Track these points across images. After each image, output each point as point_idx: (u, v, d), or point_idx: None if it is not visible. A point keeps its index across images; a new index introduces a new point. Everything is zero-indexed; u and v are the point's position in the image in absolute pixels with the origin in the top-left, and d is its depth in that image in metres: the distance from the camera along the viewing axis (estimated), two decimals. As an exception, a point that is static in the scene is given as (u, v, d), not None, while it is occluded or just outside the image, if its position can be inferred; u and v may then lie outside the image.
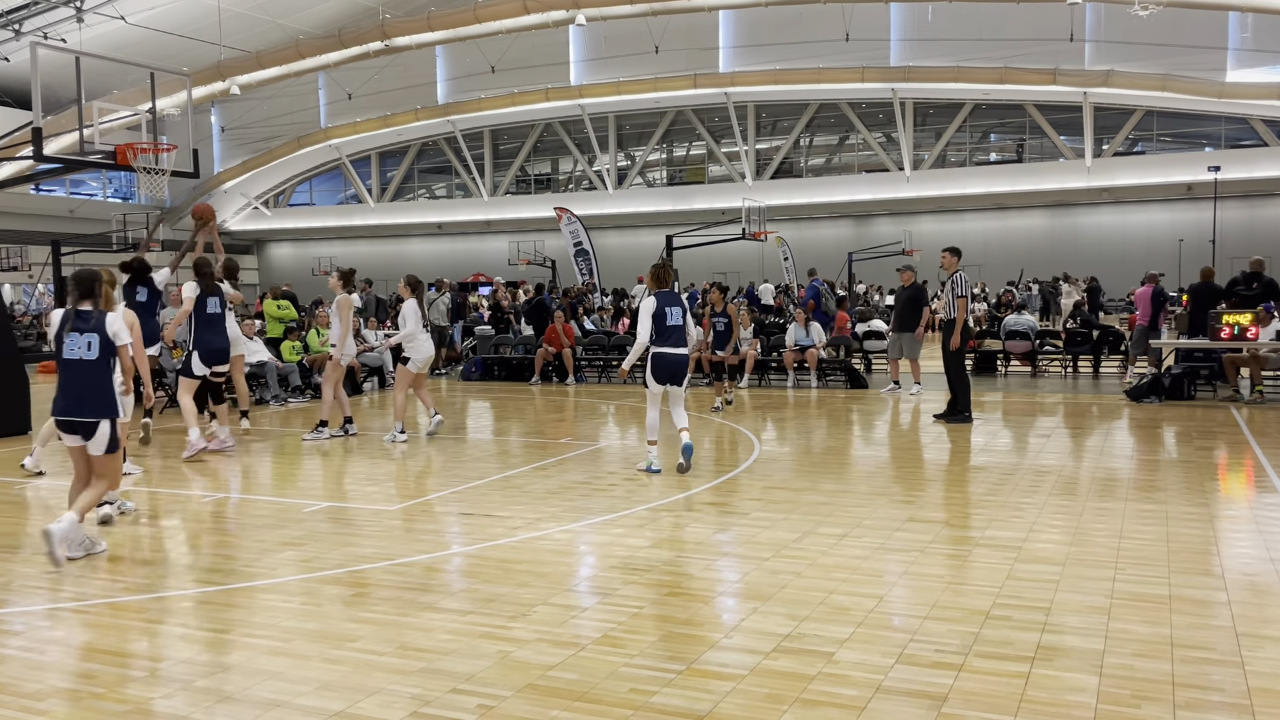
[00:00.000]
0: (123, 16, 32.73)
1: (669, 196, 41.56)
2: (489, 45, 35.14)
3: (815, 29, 34.41)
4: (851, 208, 39.49)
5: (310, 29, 34.49)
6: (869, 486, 8.06)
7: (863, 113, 39.28)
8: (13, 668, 4.43)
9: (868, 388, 15.48)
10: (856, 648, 4.44)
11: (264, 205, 48.54)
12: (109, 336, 6.21)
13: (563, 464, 9.34)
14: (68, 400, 6.17)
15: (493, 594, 5.33)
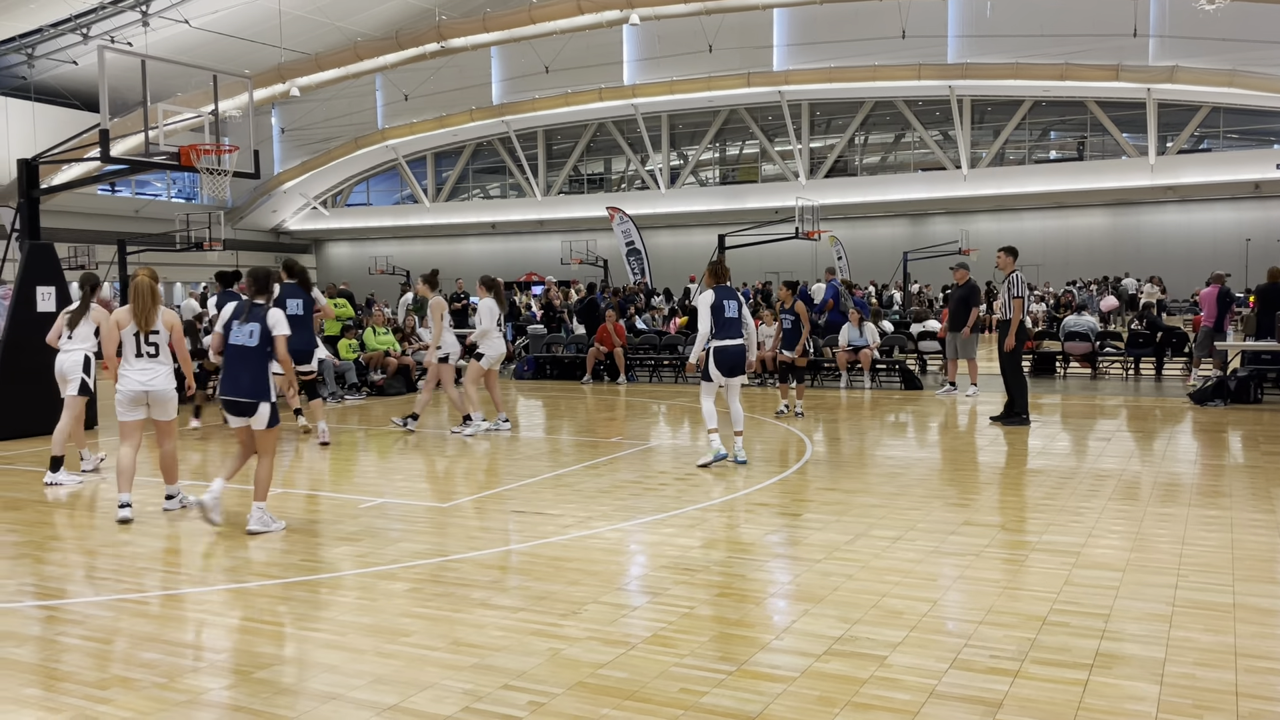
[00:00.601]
0: (187, 20, 33.48)
1: (721, 196, 41.45)
2: (543, 46, 35.33)
3: (871, 26, 34.08)
4: (907, 206, 39.05)
5: (368, 31, 34.97)
6: (923, 489, 7.96)
7: (919, 110, 38.81)
8: (77, 657, 4.55)
9: (922, 389, 15.30)
10: (909, 652, 4.39)
11: (322, 205, 49.31)
12: (269, 327, 6.76)
13: (614, 463, 9.36)
14: (232, 384, 6.75)
15: (544, 591, 5.36)
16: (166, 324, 7.31)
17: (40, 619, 5.11)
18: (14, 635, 4.82)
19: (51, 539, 6.88)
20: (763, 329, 16.68)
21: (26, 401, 11.44)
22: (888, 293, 32.94)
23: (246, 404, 6.76)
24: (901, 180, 39.35)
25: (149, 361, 7.22)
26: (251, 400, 6.75)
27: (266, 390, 6.79)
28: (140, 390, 7.18)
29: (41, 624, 5.03)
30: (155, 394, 7.23)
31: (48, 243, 12.03)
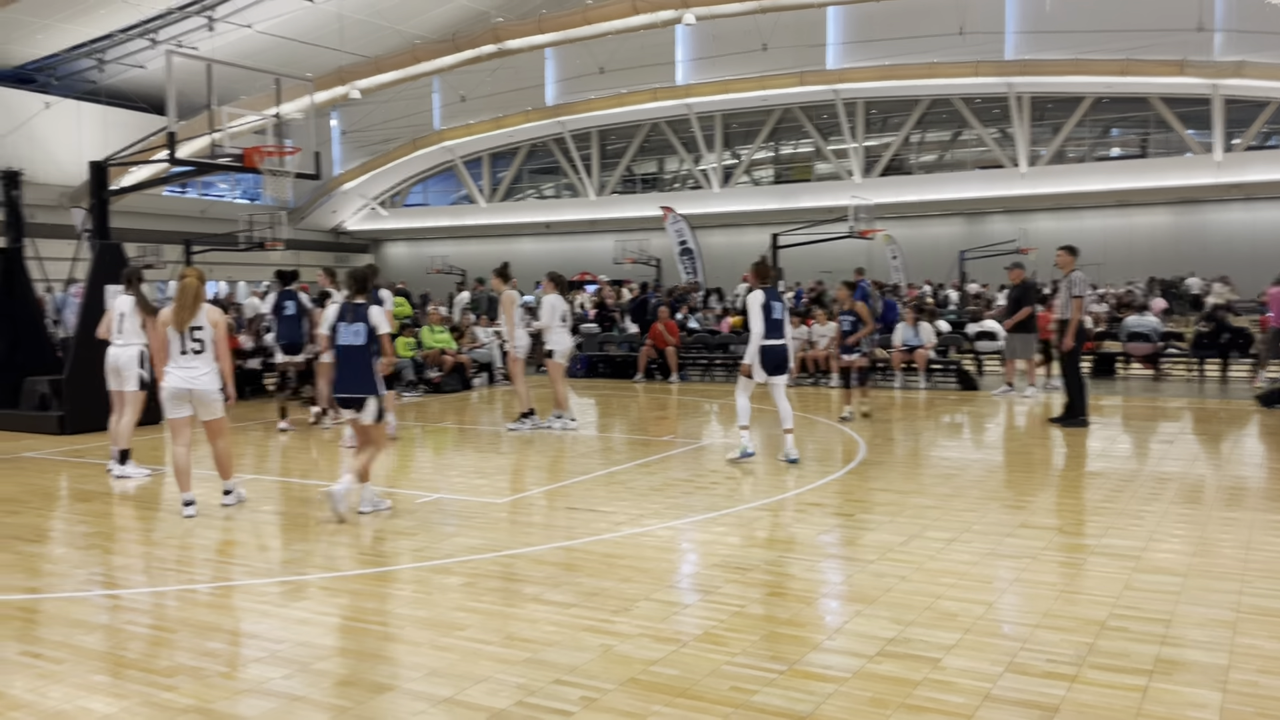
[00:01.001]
0: (250, 25, 34.17)
1: (775, 195, 41.22)
2: (598, 46, 35.44)
3: (927, 23, 33.64)
4: (963, 205, 38.48)
5: (426, 34, 35.38)
6: (979, 490, 7.86)
7: (976, 108, 38.24)
8: (143, 646, 4.68)
9: (979, 389, 15.10)
10: (964, 654, 4.35)
11: (380, 206, 49.99)
12: (372, 325, 7.10)
13: (666, 461, 9.38)
14: (343, 381, 7.13)
15: (596, 588, 5.39)
16: (212, 322, 7.38)
17: (108, 608, 5.27)
18: (84, 623, 4.98)
19: (119, 530, 7.08)
20: (815, 329, 16.60)
21: (97, 397, 11.75)
22: (943, 292, 32.52)
23: (356, 399, 7.13)
24: (958, 178, 38.79)
25: (193, 359, 7.30)
26: (360, 396, 7.11)
27: (374, 385, 7.12)
28: (183, 388, 7.27)
29: (109, 613, 5.19)
30: (198, 393, 7.29)
31: (117, 243, 12.36)
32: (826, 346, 16.17)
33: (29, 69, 38.38)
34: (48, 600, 5.39)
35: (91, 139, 37.63)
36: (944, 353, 16.36)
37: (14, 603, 5.33)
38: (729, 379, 17.44)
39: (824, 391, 15.36)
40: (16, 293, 13.05)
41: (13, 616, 5.09)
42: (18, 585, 5.64)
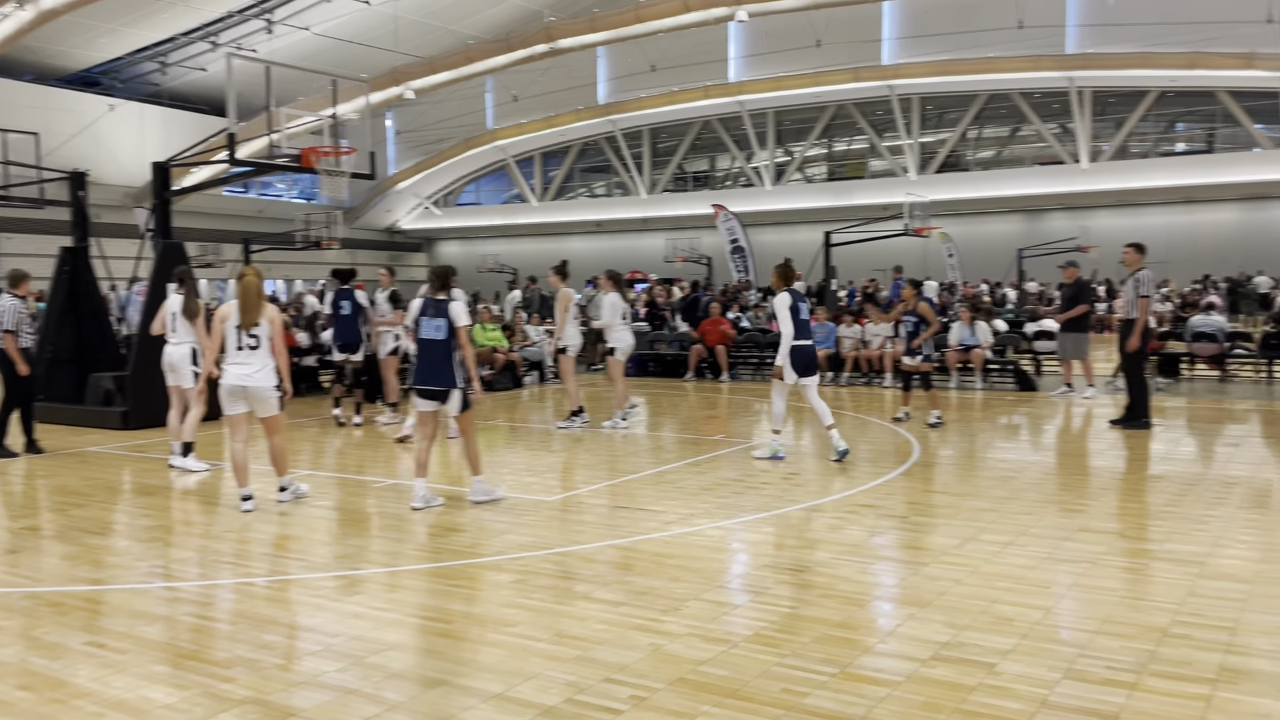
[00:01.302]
0: (308, 27, 34.72)
1: (828, 192, 40.88)
2: (649, 44, 35.45)
3: (985, 17, 33.11)
4: (1022, 202, 37.82)
5: (480, 34, 35.67)
6: (1036, 493, 7.72)
7: (1036, 103, 37.56)
8: (204, 637, 4.78)
9: (1037, 390, 14.83)
10: (1020, 660, 4.27)
11: (434, 205, 50.50)
12: (452, 319, 7.30)
13: (716, 461, 9.35)
14: (425, 373, 7.35)
15: (645, 587, 5.39)
16: (269, 320, 7.48)
17: (169, 600, 5.39)
18: (145, 615, 5.09)
19: (179, 524, 7.23)
20: (869, 327, 16.43)
21: (159, 393, 12.02)
22: (1001, 291, 32.00)
23: (441, 391, 7.34)
24: (1017, 175, 38.13)
25: (249, 355, 7.39)
26: (445, 388, 7.33)
27: (454, 378, 7.36)
28: (238, 385, 7.36)
29: (169, 605, 5.30)
30: (253, 390, 7.36)
31: (179, 242, 12.62)
32: (879, 345, 16.01)
33: (94, 72, 39.39)
34: (111, 592, 5.53)
35: (154, 140, 38.51)
36: (1001, 352, 16.08)
37: (79, 594, 5.46)
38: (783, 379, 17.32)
39: (877, 391, 15.20)
40: (82, 291, 13.39)
41: (78, 607, 5.22)
42: (83, 577, 5.79)
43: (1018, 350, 17.04)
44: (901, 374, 12.13)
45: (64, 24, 29.03)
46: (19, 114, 30.25)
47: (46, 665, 4.38)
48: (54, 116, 34.39)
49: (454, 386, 7.34)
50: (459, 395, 7.35)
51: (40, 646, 4.62)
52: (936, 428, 11.15)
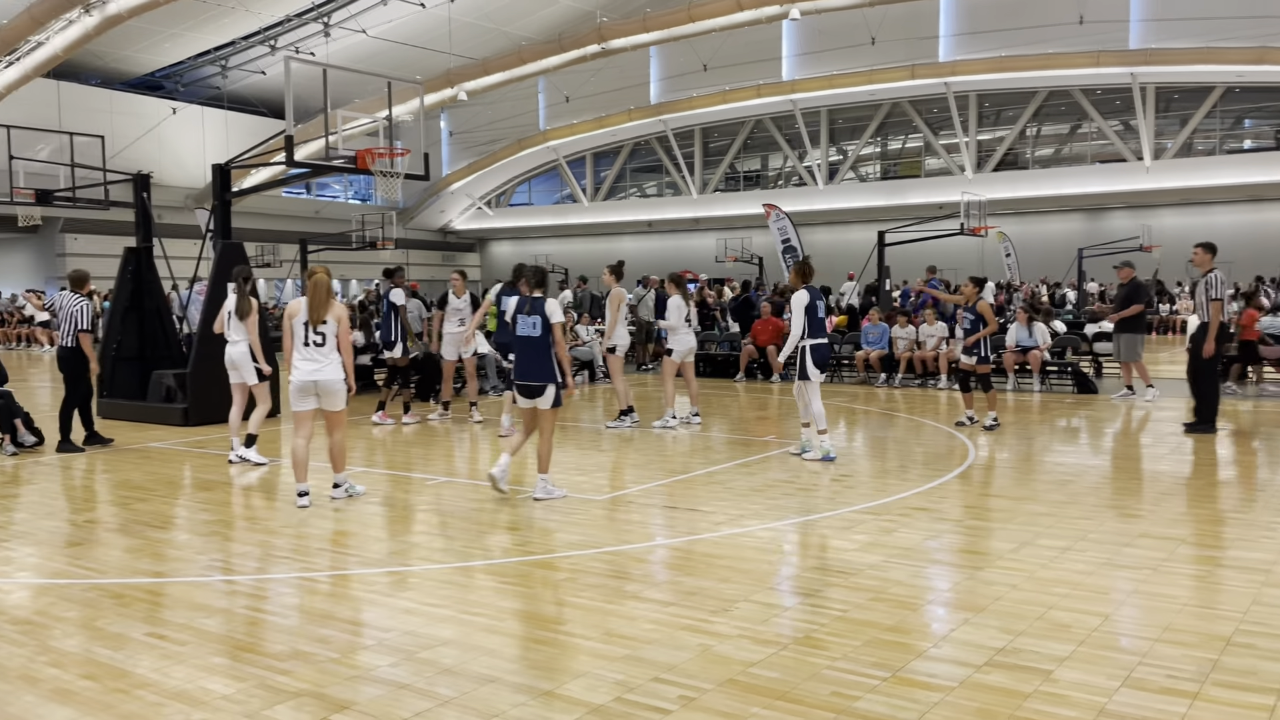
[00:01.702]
0: (364, 30, 35.19)
1: (882, 191, 40.48)
2: (701, 44, 35.38)
3: (1044, 12, 32.54)
4: (1083, 201, 37.10)
5: (532, 35, 35.89)
6: (1095, 498, 7.57)
7: (1097, 99, 36.82)
8: (261, 630, 4.86)
9: (1097, 392, 14.54)
10: (1077, 667, 4.19)
11: (486, 205, 50.93)
12: (547, 317, 7.47)
13: (766, 462, 9.30)
14: (523, 369, 7.55)
15: (695, 587, 5.37)
16: (335, 318, 7.64)
17: (227, 593, 5.49)
18: (204, 607, 5.20)
19: (238, 519, 7.36)
20: (924, 328, 16.23)
21: (218, 390, 12.27)
22: (1060, 291, 31.45)
23: (536, 387, 7.51)
24: (1077, 173, 37.42)
25: (315, 351, 7.54)
26: (540, 384, 7.48)
27: (552, 373, 7.50)
28: (308, 380, 7.51)
29: (228, 598, 5.40)
30: (323, 384, 7.52)
31: (238, 242, 12.87)
32: (934, 346, 15.81)
33: (158, 76, 40.34)
34: (172, 584, 5.65)
35: (214, 142, 39.32)
36: (1060, 354, 15.80)
37: (141, 586, 5.59)
38: (831, 379, 17.21)
39: (931, 393, 15.01)
40: (145, 290, 13.71)
41: (140, 599, 5.34)
42: (145, 569, 5.92)
43: (1077, 352, 16.73)
44: (959, 374, 11.82)
45: (129, 29, 29.75)
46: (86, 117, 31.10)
47: (109, 655, 4.49)
48: (119, 120, 35.30)
49: (550, 382, 7.50)
50: (553, 391, 7.51)
51: (103, 637, 4.74)
52: (992, 430, 10.95)
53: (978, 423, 11.29)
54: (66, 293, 10.60)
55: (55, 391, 16.81)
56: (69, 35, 26.41)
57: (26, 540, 6.65)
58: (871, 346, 16.50)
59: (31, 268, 38.45)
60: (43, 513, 7.52)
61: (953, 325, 15.53)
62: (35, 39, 26.63)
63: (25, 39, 26.49)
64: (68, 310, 10.38)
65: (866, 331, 16.76)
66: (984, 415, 11.29)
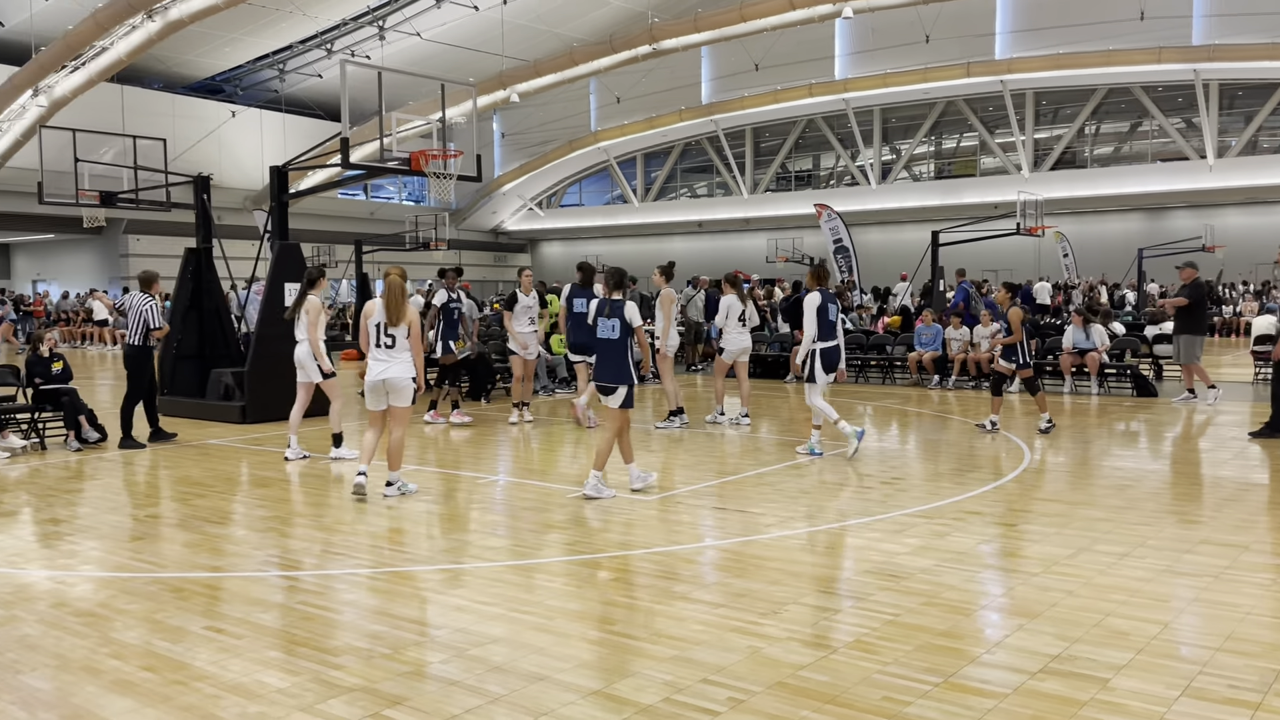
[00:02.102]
0: (418, 33, 35.61)
1: (936, 190, 40.02)
2: (753, 43, 35.25)
3: (1105, 8, 31.94)
4: (1143, 200, 36.33)
5: (584, 36, 36.03)
6: (1155, 503, 7.41)
7: (1158, 96, 36.05)
8: (315, 625, 4.93)
9: (1157, 395, 14.22)
10: (1135, 675, 4.10)
11: (538, 206, 51.23)
12: (626, 320, 7.66)
13: (817, 463, 9.24)
14: (601, 370, 7.76)
15: (744, 589, 5.35)
16: (409, 320, 7.82)
17: (283, 588, 5.58)
18: (261, 602, 5.29)
19: (294, 515, 7.49)
20: (978, 330, 16.02)
21: (275, 389, 12.50)
22: (1119, 292, 30.81)
23: (611, 387, 7.69)
24: (1137, 171, 36.65)
25: (386, 352, 7.78)
26: (614, 384, 7.67)
27: (628, 375, 7.69)
28: (378, 380, 7.77)
29: (284, 592, 5.49)
30: (391, 381, 7.76)
31: (295, 243, 13.09)
32: (989, 348, 15.58)
33: (218, 80, 41.17)
34: (229, 579, 5.76)
35: (272, 145, 40.03)
36: (1119, 356, 15.48)
37: (200, 580, 5.71)
38: (884, 381, 17.04)
39: (985, 395, 14.79)
40: (205, 290, 14.00)
41: (199, 593, 5.46)
42: (203, 564, 6.05)
43: (1136, 354, 16.38)
44: (992, 378, 11.48)
45: (190, 34, 30.39)
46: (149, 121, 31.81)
47: (169, 648, 4.59)
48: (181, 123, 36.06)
49: (623, 384, 7.66)
50: (624, 392, 7.67)
51: (163, 630, 4.85)
52: (1047, 433, 10.77)
53: (998, 428, 11.05)
54: (136, 292, 10.90)
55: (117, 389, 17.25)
56: (132, 40, 27.03)
57: (90, 534, 6.82)
58: (925, 348, 16.32)
59: (96, 268, 39.47)
60: (105, 507, 7.71)
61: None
62: (100, 44, 27.30)
63: (90, 44, 27.16)
64: (137, 309, 10.68)
65: (919, 333, 16.58)
66: (1039, 418, 11.11)
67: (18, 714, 3.90)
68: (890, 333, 18.55)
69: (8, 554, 6.36)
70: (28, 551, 6.48)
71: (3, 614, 5.10)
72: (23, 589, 5.56)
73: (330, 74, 40.01)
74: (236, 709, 3.90)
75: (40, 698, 4.06)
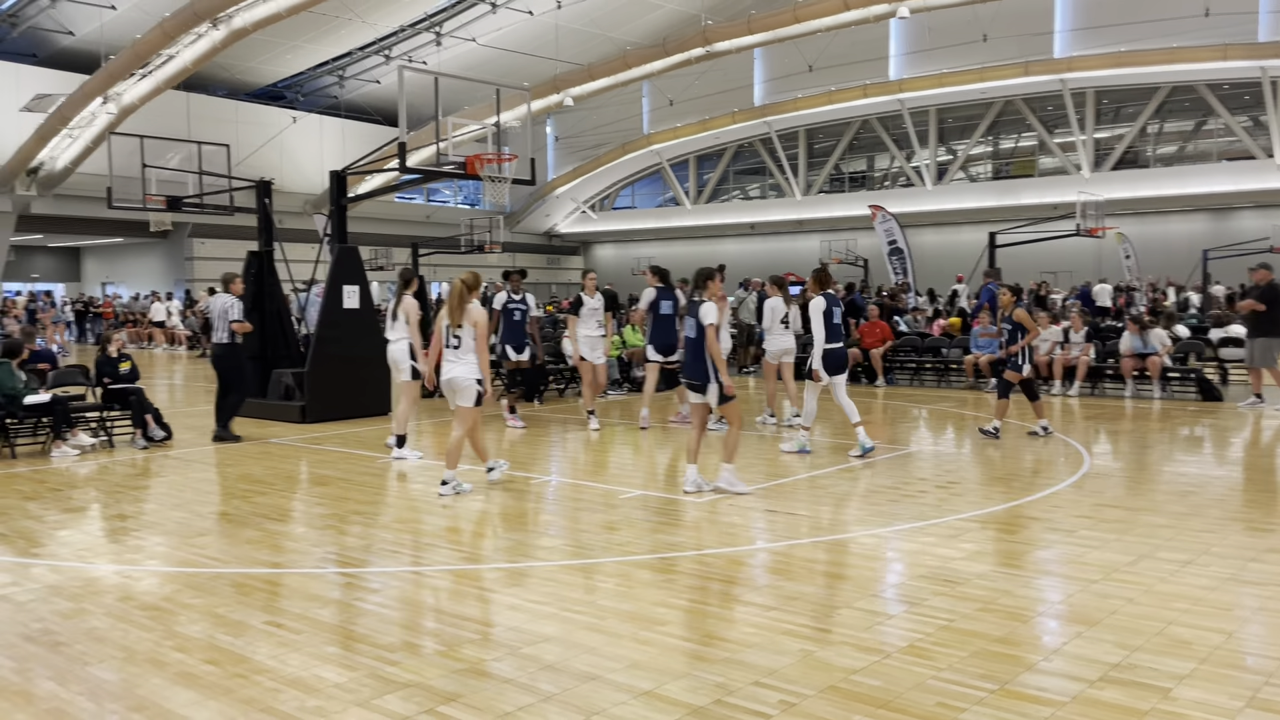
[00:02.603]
0: (474, 39, 35.97)
1: (993, 191, 39.41)
2: (806, 44, 35.04)
3: (1168, 5, 31.21)
4: (1208, 200, 35.43)
5: (637, 39, 36.10)
6: (1220, 510, 7.23)
7: (1224, 95, 35.14)
8: (371, 622, 5.02)
9: (1222, 400, 13.87)
10: (1198, 685, 4.01)
11: (590, 209, 51.44)
12: (700, 320, 7.88)
13: (870, 467, 9.16)
14: (688, 368, 8.08)
15: (796, 592, 5.33)
16: (472, 322, 7.96)
17: (341, 585, 5.68)
18: (319, 598, 5.39)
19: (351, 513, 7.61)
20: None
21: (334, 388, 12.73)
22: (1183, 294, 30.08)
23: (699, 384, 7.95)
24: (1202, 171, 35.74)
25: (452, 353, 8.01)
26: (700, 382, 7.90)
27: (709, 372, 7.85)
28: (445, 379, 8.03)
29: (342, 589, 5.59)
30: (454, 381, 7.98)
31: (353, 246, 13.30)
32: (1047, 352, 15.33)
33: (279, 86, 41.95)
34: (289, 575, 5.88)
35: (331, 150, 40.69)
36: (1183, 360, 15.12)
37: (260, 576, 5.84)
38: (939, 384, 16.84)
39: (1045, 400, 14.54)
40: (266, 292, 14.28)
41: (259, 589, 5.58)
42: (264, 560, 6.18)
43: (1201, 358, 15.98)
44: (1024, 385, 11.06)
45: (252, 42, 31.01)
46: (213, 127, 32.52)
47: (230, 641, 4.70)
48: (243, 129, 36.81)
49: (708, 380, 7.83)
50: (714, 389, 7.82)
51: (225, 624, 4.96)
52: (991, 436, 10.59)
53: (1050, 431, 10.85)
54: (220, 294, 11.27)
55: (178, 390, 17.68)
56: (198, 49, 27.69)
57: (156, 530, 7.00)
58: (981, 350, 16.10)
59: (162, 271, 40.46)
60: (170, 504, 7.91)
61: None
62: (166, 53, 28.00)
63: (157, 52, 27.87)
64: (221, 309, 11.02)
65: (976, 335, 16.35)
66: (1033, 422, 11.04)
67: (86, 704, 4.02)
68: (947, 335, 18.33)
69: (77, 549, 6.55)
70: (96, 546, 6.67)
71: (72, 607, 5.26)
72: (91, 583, 5.72)
73: (388, 80, 40.55)
74: (295, 703, 3.98)
75: (107, 689, 4.18)
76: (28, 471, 9.40)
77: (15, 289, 41.70)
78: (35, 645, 4.68)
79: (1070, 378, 14.94)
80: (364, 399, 13.03)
